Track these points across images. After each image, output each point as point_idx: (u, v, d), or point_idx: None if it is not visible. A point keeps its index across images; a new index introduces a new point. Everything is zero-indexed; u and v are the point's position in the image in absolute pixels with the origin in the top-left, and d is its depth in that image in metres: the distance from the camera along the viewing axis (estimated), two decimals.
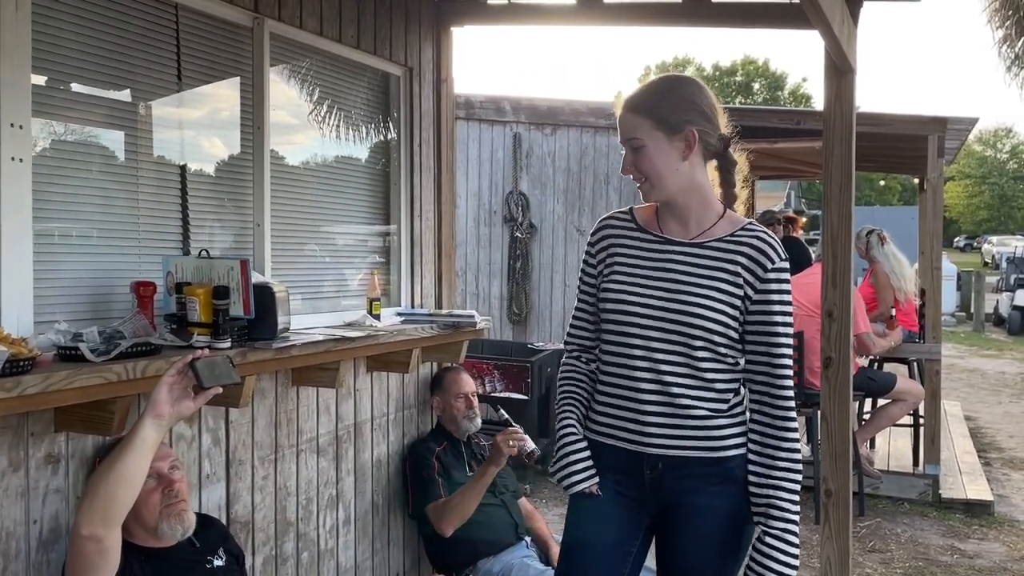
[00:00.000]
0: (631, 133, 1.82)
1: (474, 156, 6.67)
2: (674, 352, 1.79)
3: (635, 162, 1.82)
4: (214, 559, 2.15)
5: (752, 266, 1.80)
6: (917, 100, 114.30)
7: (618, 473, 1.87)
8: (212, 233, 2.60)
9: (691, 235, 1.85)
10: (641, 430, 1.83)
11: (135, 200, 2.36)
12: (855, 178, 2.76)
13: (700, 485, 1.82)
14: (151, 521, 1.99)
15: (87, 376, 1.80)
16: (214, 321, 2.18)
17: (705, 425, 1.81)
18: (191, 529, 2.06)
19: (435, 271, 3.55)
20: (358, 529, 3.06)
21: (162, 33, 2.40)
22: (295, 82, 2.98)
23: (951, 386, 9.38)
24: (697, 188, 1.85)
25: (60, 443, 2.00)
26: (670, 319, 1.79)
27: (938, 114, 5.50)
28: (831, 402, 2.74)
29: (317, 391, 2.84)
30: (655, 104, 1.81)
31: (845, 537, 2.75)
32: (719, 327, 1.78)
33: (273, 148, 2.78)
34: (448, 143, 3.59)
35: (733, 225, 1.85)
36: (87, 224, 2.24)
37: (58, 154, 2.17)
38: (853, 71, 2.70)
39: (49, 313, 2.07)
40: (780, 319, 1.80)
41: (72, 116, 2.21)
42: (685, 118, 1.80)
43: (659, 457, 1.82)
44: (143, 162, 2.39)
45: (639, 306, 1.82)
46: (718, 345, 1.80)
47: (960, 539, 4.66)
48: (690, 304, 1.78)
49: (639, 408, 1.83)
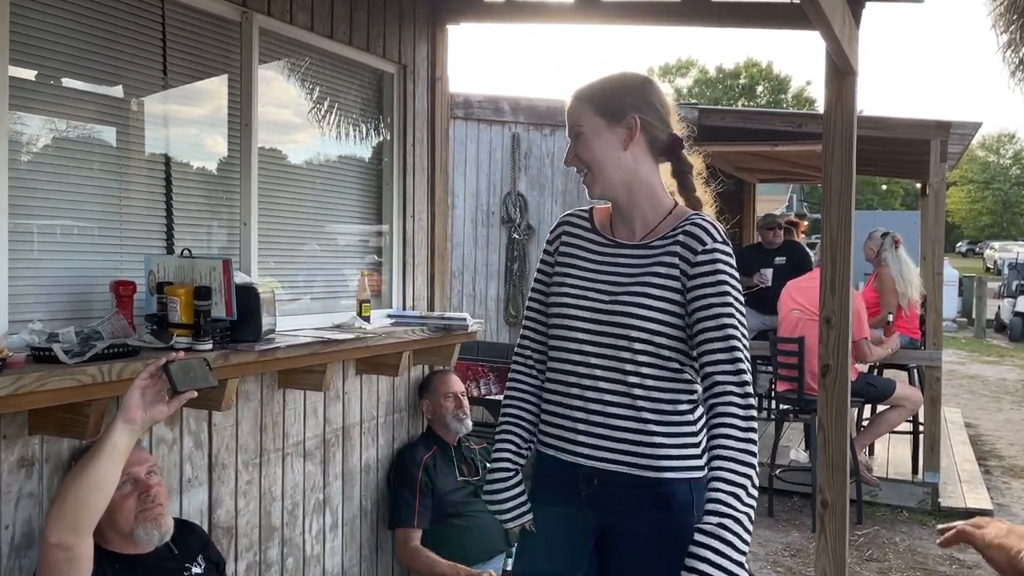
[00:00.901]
0: (572, 119, 1.77)
1: (472, 156, 6.61)
2: (613, 359, 1.69)
3: (576, 150, 1.76)
4: (192, 566, 2.10)
5: (684, 252, 1.67)
6: (920, 104, 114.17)
7: (558, 488, 1.78)
8: (198, 232, 2.55)
9: (637, 236, 1.77)
10: (575, 439, 1.74)
11: (118, 197, 2.30)
12: (855, 182, 2.70)
13: (631, 509, 1.69)
14: (126, 527, 1.94)
15: (60, 378, 1.75)
16: (195, 322, 2.13)
17: (639, 440, 1.68)
18: (168, 534, 2.00)
19: (427, 272, 3.50)
20: (345, 535, 3.01)
21: (147, 27, 2.34)
22: (285, 79, 2.92)
23: (952, 392, 9.32)
24: (643, 185, 1.75)
25: (34, 446, 1.95)
26: (609, 322, 1.70)
27: (941, 119, 5.44)
28: (828, 411, 2.68)
29: (304, 394, 2.78)
30: (598, 91, 1.76)
31: (841, 548, 2.70)
32: (659, 326, 1.66)
33: (261, 146, 2.72)
34: (442, 142, 3.54)
35: (677, 219, 1.74)
36: (67, 221, 2.18)
37: (37, 149, 2.12)
38: (855, 73, 2.64)
39: (25, 312, 2.01)
40: (725, 299, 1.62)
41: (52, 111, 2.16)
42: (628, 103, 1.73)
43: (594, 472, 1.72)
44: (126, 158, 2.34)
45: (581, 309, 1.74)
46: (661, 348, 1.67)
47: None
48: (627, 304, 1.69)
49: (574, 416, 1.74)
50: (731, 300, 1.64)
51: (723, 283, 1.64)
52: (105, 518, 1.90)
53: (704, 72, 45.26)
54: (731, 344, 1.62)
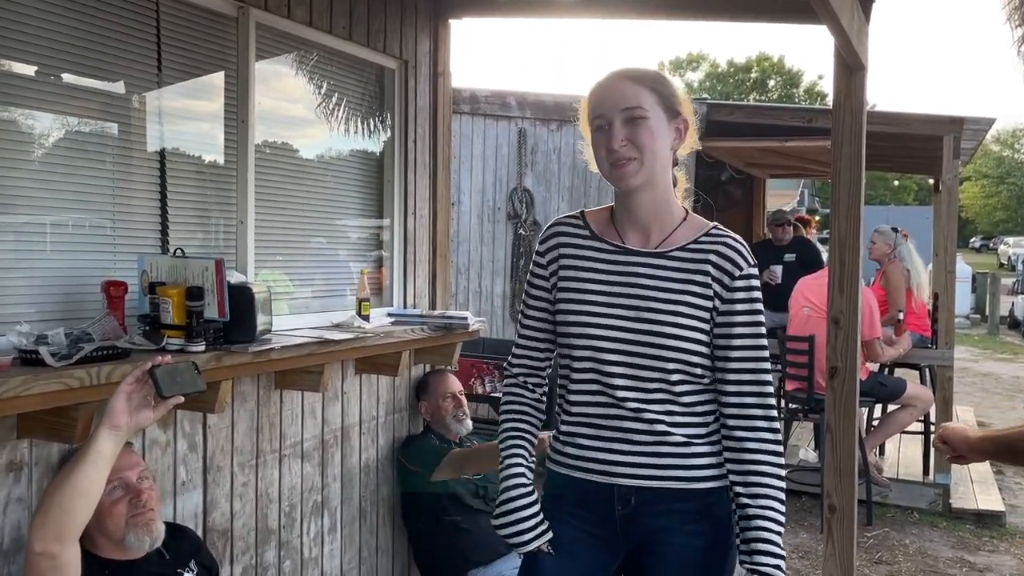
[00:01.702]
0: (633, 102, 1.61)
1: (478, 152, 6.56)
2: (646, 377, 1.64)
3: (631, 135, 1.61)
4: (184, 571, 2.06)
5: (719, 274, 1.65)
6: (934, 99, 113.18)
7: (586, 509, 1.72)
8: (193, 231, 2.51)
9: (652, 243, 1.69)
10: (613, 459, 1.67)
11: (111, 195, 2.26)
12: (866, 178, 2.64)
13: (676, 523, 1.66)
14: (117, 533, 1.90)
15: (46, 382, 1.71)
16: (187, 323, 2.09)
17: (683, 452, 1.65)
18: (160, 539, 1.97)
19: (429, 271, 3.45)
20: (344, 537, 2.97)
21: (141, 21, 2.30)
22: (283, 75, 2.88)
23: (964, 391, 9.22)
24: (667, 188, 1.70)
25: (23, 450, 1.91)
26: (640, 341, 1.63)
27: (954, 114, 5.35)
28: (836, 414, 2.62)
29: (302, 394, 2.74)
30: (660, 84, 1.67)
31: (849, 553, 2.64)
32: (693, 345, 1.64)
33: (259, 143, 2.68)
34: (444, 139, 3.49)
35: (697, 230, 1.69)
36: (58, 219, 2.14)
37: (28, 145, 2.08)
38: (864, 68, 2.58)
39: (13, 313, 1.98)
40: (758, 328, 1.67)
41: (43, 106, 2.12)
42: (681, 107, 1.68)
43: (632, 490, 1.67)
44: (120, 155, 2.30)
45: (605, 328, 1.66)
46: (694, 366, 1.65)
47: (970, 551, 4.53)
48: (661, 324, 1.63)
49: (609, 435, 1.67)
50: (762, 330, 1.68)
51: (757, 311, 1.68)
52: (95, 523, 1.86)
53: (715, 66, 44.98)
54: (761, 378, 1.67)
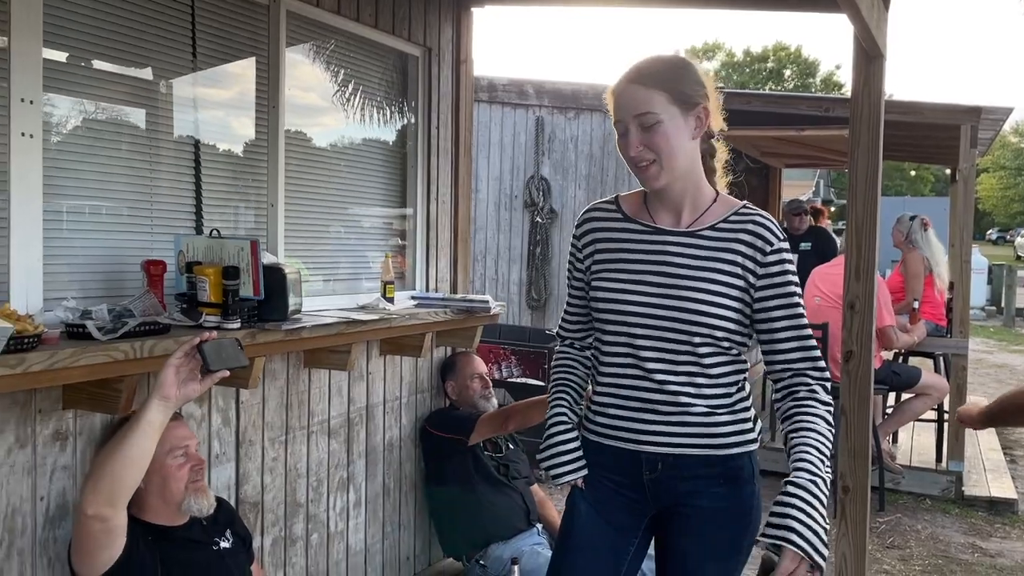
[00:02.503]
0: (644, 107, 1.65)
1: (496, 139, 6.61)
2: (673, 350, 1.71)
3: (647, 140, 1.67)
4: (221, 540, 2.15)
5: (751, 252, 1.70)
6: (951, 88, 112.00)
7: (616, 474, 1.81)
8: (225, 213, 2.59)
9: (684, 223, 1.75)
10: (640, 428, 1.75)
11: (148, 178, 2.34)
12: (883, 168, 2.68)
13: (701, 487, 1.74)
14: (177, 495, 2.00)
15: (93, 354, 1.80)
16: (224, 301, 2.16)
17: (705, 422, 1.73)
18: (211, 508, 2.07)
19: (450, 255, 3.52)
20: (368, 512, 3.06)
21: (177, 9, 2.37)
22: (311, 62, 2.95)
23: (978, 381, 9.21)
24: (694, 171, 1.75)
25: (68, 420, 2.00)
26: (669, 316, 1.70)
27: (972, 103, 5.35)
28: (851, 397, 2.67)
29: (329, 373, 2.82)
30: (669, 76, 1.69)
31: (862, 534, 2.70)
32: (720, 321, 1.70)
33: (288, 128, 2.75)
34: (466, 126, 3.55)
35: (727, 209, 1.75)
36: (99, 201, 2.23)
37: (69, 130, 2.16)
38: (883, 57, 2.61)
39: (59, 290, 2.06)
40: (794, 299, 1.72)
41: (84, 92, 2.20)
42: (699, 91, 1.70)
43: (658, 457, 1.75)
44: (156, 140, 2.38)
45: (634, 304, 1.73)
46: (720, 340, 1.71)
47: (982, 537, 4.57)
48: (689, 300, 1.69)
49: (637, 406, 1.75)
50: (798, 300, 1.73)
51: (791, 283, 1.72)
52: (156, 486, 1.97)
53: (731, 55, 44.74)
54: (807, 343, 1.72)
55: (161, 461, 1.97)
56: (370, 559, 3.07)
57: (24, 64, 1.94)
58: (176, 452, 2.01)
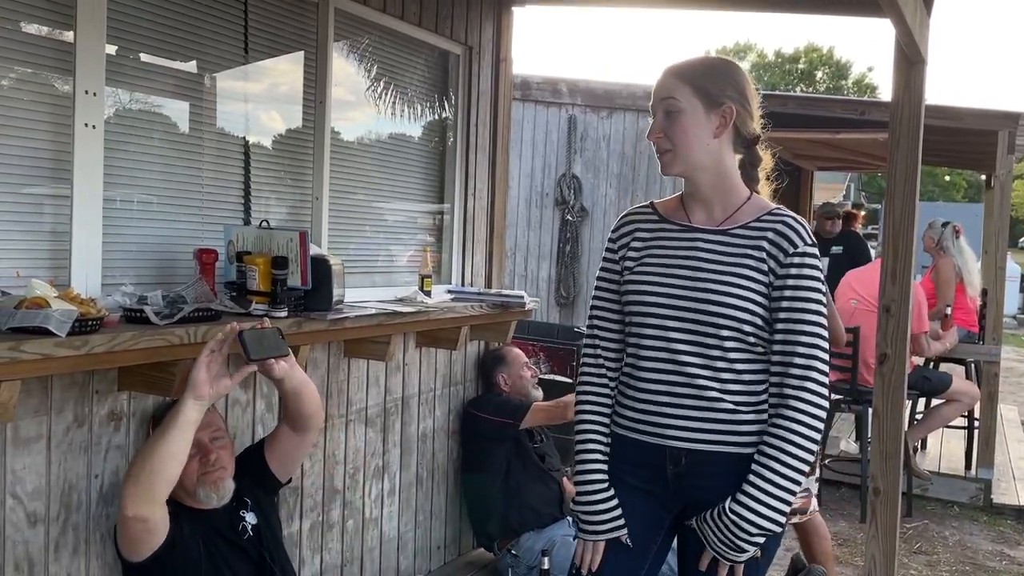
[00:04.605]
0: (668, 93, 1.74)
1: (528, 137, 6.66)
2: (700, 343, 1.73)
3: (666, 128, 1.74)
4: (244, 512, 2.16)
5: (775, 251, 1.72)
6: (988, 93, 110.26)
7: (641, 468, 1.82)
8: (272, 204, 2.66)
9: (717, 221, 1.78)
10: (665, 423, 1.77)
11: (199, 169, 2.42)
12: (920, 173, 2.69)
13: (724, 485, 1.72)
14: (190, 486, 2.04)
15: (151, 338, 1.86)
16: (272, 290, 2.23)
17: (731, 419, 1.73)
18: (227, 497, 2.07)
19: (486, 250, 3.57)
20: (402, 500, 3.12)
21: (231, 6, 2.44)
22: (357, 58, 3.01)
23: (1009, 391, 9.11)
24: (724, 172, 1.78)
25: (123, 402, 2.08)
26: (695, 308, 1.72)
27: (1010, 109, 5.31)
28: (884, 399, 2.69)
29: (368, 363, 2.89)
30: (699, 73, 1.76)
31: (892, 537, 2.71)
32: (746, 315, 1.71)
33: (333, 123, 2.82)
34: (504, 124, 3.59)
35: (760, 210, 1.77)
36: (153, 191, 2.30)
37: (128, 122, 2.24)
38: (924, 62, 2.62)
39: (116, 276, 2.14)
40: (804, 304, 1.70)
41: (142, 85, 2.27)
42: (727, 92, 1.75)
43: (683, 452, 1.76)
44: (208, 133, 2.45)
45: (661, 296, 1.76)
46: (747, 335, 1.71)
47: (1010, 545, 4.55)
48: (715, 292, 1.71)
49: (663, 401, 1.77)
50: (817, 307, 1.71)
51: (811, 288, 1.71)
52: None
53: (762, 56, 44.37)
54: (811, 352, 1.69)
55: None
56: (402, 547, 3.14)
57: (88, 58, 2.02)
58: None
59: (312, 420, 2.17)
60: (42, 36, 2.02)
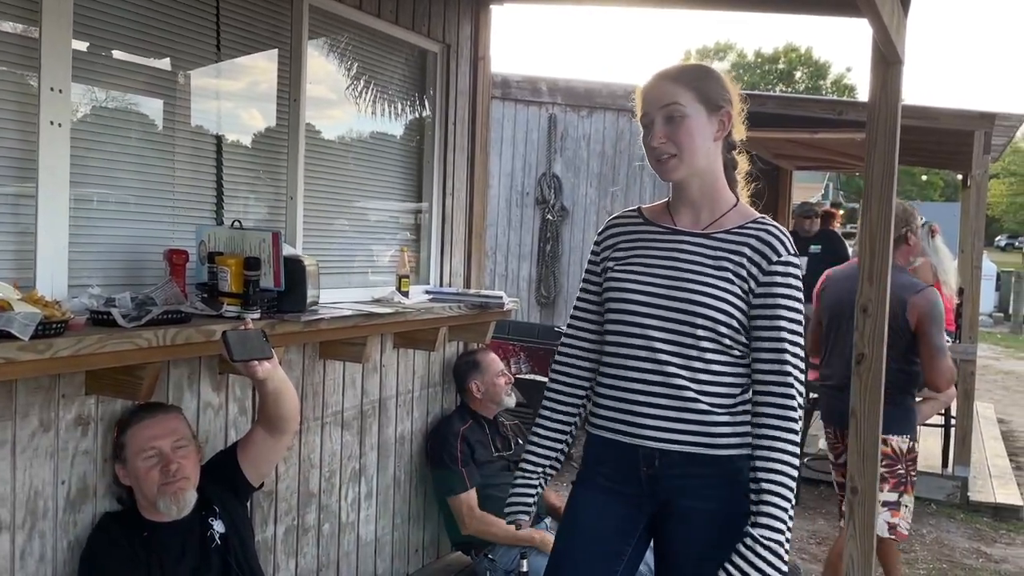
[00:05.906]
0: (671, 99, 1.74)
1: (508, 136, 6.64)
2: (678, 343, 1.73)
3: (670, 132, 1.74)
4: (212, 519, 2.11)
5: (757, 258, 1.73)
6: (964, 94, 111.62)
7: (615, 469, 1.82)
8: (245, 204, 2.61)
9: (702, 225, 1.80)
10: (639, 422, 1.77)
11: (171, 168, 2.37)
12: (897, 173, 2.69)
13: (698, 486, 1.75)
14: (151, 496, 2.00)
15: (118, 341, 1.82)
16: (244, 291, 2.19)
17: (705, 420, 1.74)
18: (186, 509, 2.02)
19: (465, 250, 3.55)
20: (379, 504, 3.08)
21: (202, 3, 2.40)
22: (332, 56, 2.97)
23: (985, 388, 9.21)
24: (715, 175, 1.81)
25: (90, 406, 2.03)
26: (673, 307, 1.73)
27: (986, 109, 5.36)
28: (862, 400, 2.69)
29: (344, 365, 2.85)
30: (698, 78, 1.77)
31: (869, 536, 2.71)
32: (722, 315, 1.72)
33: (308, 122, 2.78)
34: (483, 122, 3.57)
35: (744, 217, 1.80)
36: (123, 190, 2.25)
37: (96, 120, 2.19)
38: (901, 62, 2.62)
39: (83, 277, 2.09)
40: (784, 313, 1.72)
41: (111, 83, 2.22)
42: (724, 96, 1.78)
43: (656, 452, 1.76)
44: (180, 131, 2.40)
45: (640, 294, 1.77)
46: (723, 336, 1.73)
47: (986, 543, 4.59)
48: (693, 292, 1.72)
49: (638, 400, 1.77)
50: (794, 315, 1.73)
51: (790, 297, 1.73)
52: (135, 486, 1.99)
53: (742, 56, 44.64)
54: (784, 358, 1.71)
55: (133, 463, 1.99)
56: (380, 550, 3.10)
57: (54, 54, 1.97)
58: (144, 454, 1.98)
59: (289, 422, 2.18)
60: (5, 31, 1.96)
